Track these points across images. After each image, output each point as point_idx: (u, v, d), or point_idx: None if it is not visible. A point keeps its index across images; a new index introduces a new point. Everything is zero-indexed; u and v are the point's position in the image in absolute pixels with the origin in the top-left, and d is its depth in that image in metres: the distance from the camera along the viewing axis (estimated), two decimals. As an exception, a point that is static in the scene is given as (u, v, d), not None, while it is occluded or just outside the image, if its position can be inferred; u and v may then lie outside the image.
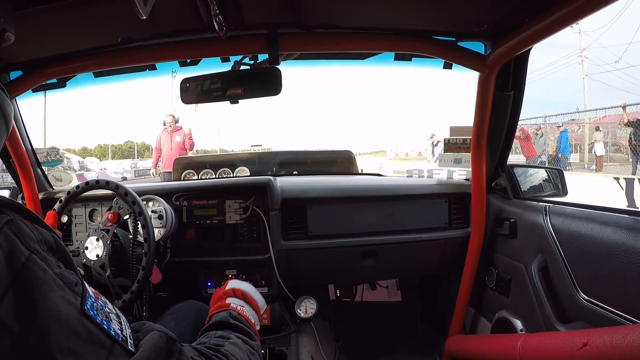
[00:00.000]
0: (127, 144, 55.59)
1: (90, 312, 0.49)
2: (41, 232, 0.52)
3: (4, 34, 0.66)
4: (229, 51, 1.30)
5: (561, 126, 12.52)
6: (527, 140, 11.83)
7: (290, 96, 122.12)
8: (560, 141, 12.18)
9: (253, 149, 6.98)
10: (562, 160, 11.83)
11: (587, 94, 19.73)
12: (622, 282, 0.98)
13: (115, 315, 0.55)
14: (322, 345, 1.89)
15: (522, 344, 1.07)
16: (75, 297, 0.49)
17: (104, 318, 0.51)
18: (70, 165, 18.27)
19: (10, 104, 0.65)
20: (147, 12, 0.79)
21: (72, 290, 0.49)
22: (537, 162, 11.70)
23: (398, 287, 2.50)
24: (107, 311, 0.53)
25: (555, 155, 12.23)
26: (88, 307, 0.49)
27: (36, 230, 0.51)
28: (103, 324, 0.50)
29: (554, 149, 12.63)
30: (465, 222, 1.78)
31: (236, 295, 0.95)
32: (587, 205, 1.24)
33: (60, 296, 0.47)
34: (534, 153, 12.06)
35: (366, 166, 15.73)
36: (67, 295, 0.48)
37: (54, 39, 1.17)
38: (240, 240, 1.73)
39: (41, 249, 0.49)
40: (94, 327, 0.48)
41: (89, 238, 1.35)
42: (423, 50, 1.29)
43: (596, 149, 12.42)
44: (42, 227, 0.53)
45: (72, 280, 0.50)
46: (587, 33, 20.65)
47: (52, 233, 0.54)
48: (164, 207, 1.59)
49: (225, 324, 0.82)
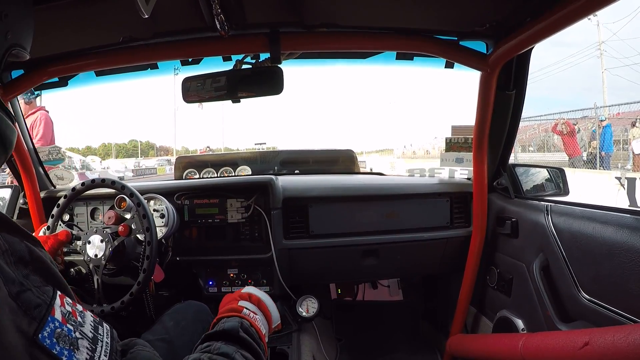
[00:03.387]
0: (132, 142, 55.91)
1: (45, 340, 0.43)
2: (9, 241, 0.46)
3: (12, 50, 0.62)
4: (231, 50, 1.31)
5: (604, 120, 10.39)
6: (572, 136, 10.26)
7: (295, 94, 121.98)
8: (604, 137, 9.99)
9: (257, 148, 6.96)
10: (605, 160, 9.86)
11: (591, 92, 19.42)
12: (623, 281, 0.98)
13: (90, 341, 0.48)
14: (324, 344, 1.89)
15: (523, 344, 1.07)
16: (29, 322, 0.42)
17: (66, 347, 0.45)
18: (72, 164, 18.30)
19: (14, 130, 0.61)
20: (149, 11, 0.79)
21: (28, 314, 0.43)
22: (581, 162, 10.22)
23: (399, 286, 2.50)
24: (75, 337, 0.47)
25: (596, 154, 10.01)
26: (45, 334, 0.43)
27: (2, 239, 0.45)
28: (62, 355, 0.44)
29: (593, 147, 10.47)
30: (466, 222, 1.78)
31: (251, 300, 0.88)
32: (589, 205, 1.24)
33: (11, 320, 0.41)
34: (579, 151, 10.40)
35: (376, 165, 15.69)
36: (18, 321, 0.42)
37: (56, 38, 1.18)
38: (241, 239, 1.73)
39: (4, 261, 0.44)
40: (46, 358, 0.43)
41: (94, 235, 1.36)
42: (425, 50, 1.29)
43: (634, 147, 10.19)
44: (15, 234, 0.48)
45: (33, 301, 0.44)
46: (605, 25, 20.24)
47: (27, 242, 0.49)
48: (165, 205, 1.59)
49: (234, 337, 0.73)
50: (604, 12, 13.26)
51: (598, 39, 19.09)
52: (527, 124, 14.26)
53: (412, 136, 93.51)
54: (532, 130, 16.98)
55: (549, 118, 13.24)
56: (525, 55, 1.31)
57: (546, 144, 16.04)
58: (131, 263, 1.40)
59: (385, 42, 1.30)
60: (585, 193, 6.72)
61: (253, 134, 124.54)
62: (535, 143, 16.69)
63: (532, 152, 16.12)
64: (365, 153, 37.81)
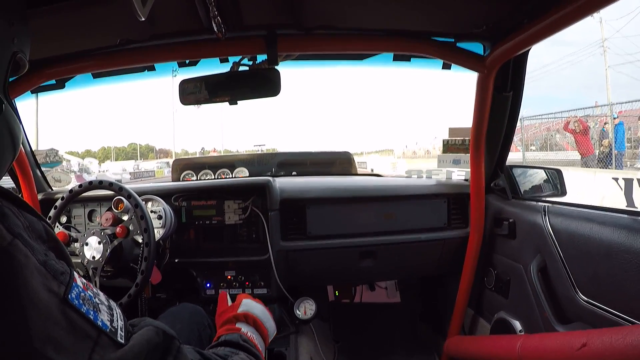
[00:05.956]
0: (131, 145, 55.89)
1: (74, 301, 0.47)
2: (29, 219, 0.50)
3: (16, 56, 0.65)
4: (228, 52, 1.30)
5: (617, 117, 9.95)
6: (585, 135, 9.83)
7: (295, 96, 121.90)
8: (617, 135, 9.66)
9: (256, 149, 6.98)
10: (617, 158, 9.49)
11: (591, 90, 19.41)
12: (621, 282, 0.98)
13: (107, 307, 0.53)
14: (321, 346, 1.89)
15: (521, 345, 1.07)
16: (59, 285, 0.47)
17: (91, 308, 0.49)
18: (70, 167, 18.25)
19: (21, 130, 0.64)
20: (145, 13, 0.79)
21: (56, 278, 0.47)
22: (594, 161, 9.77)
23: (397, 288, 2.50)
24: (96, 302, 0.51)
25: (608, 152, 9.60)
26: (72, 296, 0.48)
27: (22, 217, 0.49)
28: (89, 314, 0.48)
29: (605, 146, 9.98)
30: (464, 223, 1.78)
31: (247, 321, 0.92)
32: (586, 205, 1.24)
33: (42, 283, 0.45)
34: (592, 150, 9.96)
35: (377, 166, 15.67)
36: (49, 283, 0.46)
37: (53, 40, 1.17)
38: (239, 241, 1.73)
39: (28, 236, 0.48)
40: (77, 316, 0.47)
41: (91, 237, 1.35)
42: (422, 51, 1.29)
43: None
44: (32, 215, 0.52)
45: (58, 269, 0.49)
46: (608, 22, 20.16)
47: (43, 222, 0.53)
48: (163, 207, 1.59)
49: (236, 344, 0.80)
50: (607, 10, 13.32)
51: (601, 36, 19.02)
52: (528, 123, 14.25)
53: (412, 136, 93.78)
54: (534, 129, 17.02)
55: (550, 117, 13.27)
56: (522, 56, 1.31)
57: (548, 142, 16.06)
58: (129, 265, 1.39)
59: (382, 43, 1.30)
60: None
61: (252, 135, 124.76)
62: (538, 142, 16.72)
63: (535, 151, 16.12)
64: (365, 153, 37.89)
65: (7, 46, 0.62)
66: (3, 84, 0.62)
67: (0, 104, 0.58)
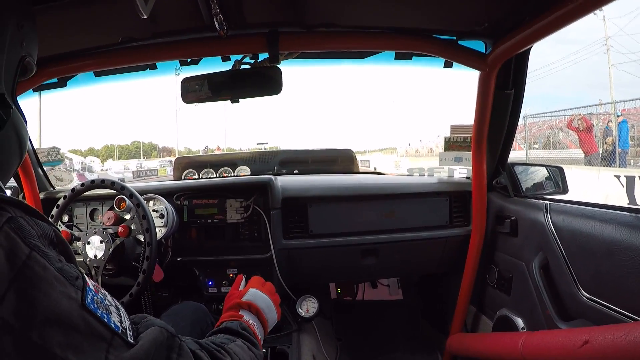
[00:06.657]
0: (134, 144, 55.88)
1: (91, 305, 0.49)
2: (41, 226, 0.51)
3: (25, 60, 0.65)
4: (230, 50, 1.30)
5: (620, 115, 9.83)
6: (589, 133, 9.77)
7: (298, 94, 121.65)
8: (621, 133, 9.53)
9: (259, 147, 6.96)
10: (621, 156, 9.41)
11: (595, 89, 19.26)
12: (623, 279, 0.98)
13: (115, 308, 0.55)
14: (324, 344, 1.89)
15: (523, 342, 1.07)
16: (76, 291, 0.48)
17: (104, 311, 0.51)
18: (72, 165, 18.26)
19: (28, 133, 0.65)
20: (147, 11, 0.79)
21: (73, 284, 0.49)
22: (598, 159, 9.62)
23: (399, 285, 2.50)
24: (106, 304, 0.53)
25: (611, 150, 9.47)
26: (89, 300, 0.49)
27: (36, 225, 0.50)
28: (103, 317, 0.50)
29: (608, 144, 9.85)
30: (466, 221, 1.78)
31: (251, 310, 0.95)
32: (588, 203, 1.24)
33: (61, 292, 0.47)
34: (596, 148, 9.87)
35: (380, 164, 15.62)
36: (68, 291, 0.48)
37: (55, 39, 1.17)
38: (241, 239, 1.73)
39: (42, 244, 0.49)
40: (94, 320, 0.49)
41: (93, 236, 1.35)
42: (424, 49, 1.29)
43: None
44: (43, 221, 0.53)
45: (73, 274, 0.50)
46: (611, 20, 19.96)
47: (52, 227, 0.54)
48: (165, 206, 1.59)
49: (234, 331, 0.83)
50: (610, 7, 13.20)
51: (605, 34, 18.85)
52: (531, 121, 14.19)
53: (415, 134, 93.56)
54: (537, 128, 16.95)
55: (553, 115, 13.26)
56: (524, 54, 1.31)
57: (551, 141, 15.99)
58: (131, 264, 1.40)
59: (384, 41, 1.30)
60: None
61: (255, 134, 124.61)
62: (541, 140, 16.64)
63: (538, 150, 16.05)
64: (368, 152, 37.82)
65: (16, 51, 0.62)
66: (12, 89, 0.62)
67: (9, 109, 0.58)
